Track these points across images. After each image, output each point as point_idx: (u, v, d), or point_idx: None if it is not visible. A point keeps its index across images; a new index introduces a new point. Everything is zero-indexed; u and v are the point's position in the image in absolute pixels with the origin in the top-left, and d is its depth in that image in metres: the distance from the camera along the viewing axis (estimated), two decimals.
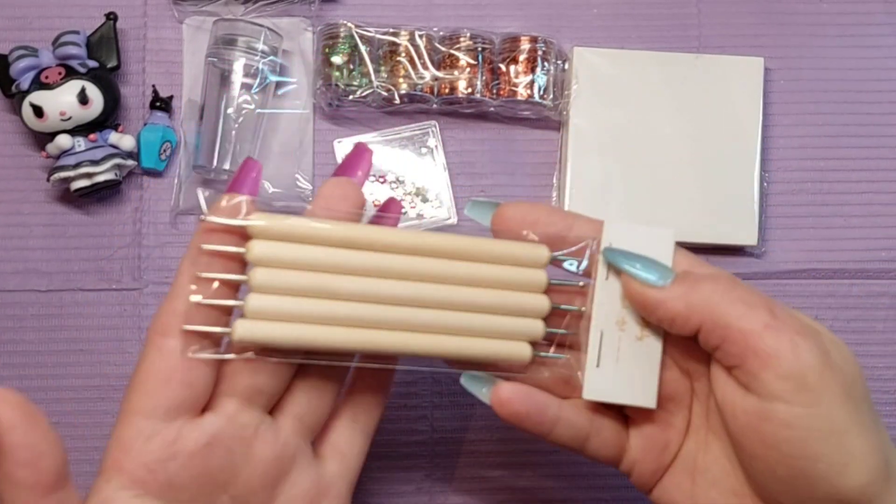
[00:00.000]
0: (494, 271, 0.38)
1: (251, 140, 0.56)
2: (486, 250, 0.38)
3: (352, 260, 0.36)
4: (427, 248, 0.37)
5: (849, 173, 0.58)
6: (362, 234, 0.36)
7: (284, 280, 0.35)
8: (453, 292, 0.38)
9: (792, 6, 0.59)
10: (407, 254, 0.37)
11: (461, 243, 0.38)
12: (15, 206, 0.56)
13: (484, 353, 0.38)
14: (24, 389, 0.54)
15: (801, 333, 0.33)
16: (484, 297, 0.38)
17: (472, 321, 0.38)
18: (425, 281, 0.37)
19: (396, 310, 0.37)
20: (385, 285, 0.37)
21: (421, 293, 0.37)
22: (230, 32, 0.55)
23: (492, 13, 0.58)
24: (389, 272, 0.37)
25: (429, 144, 0.57)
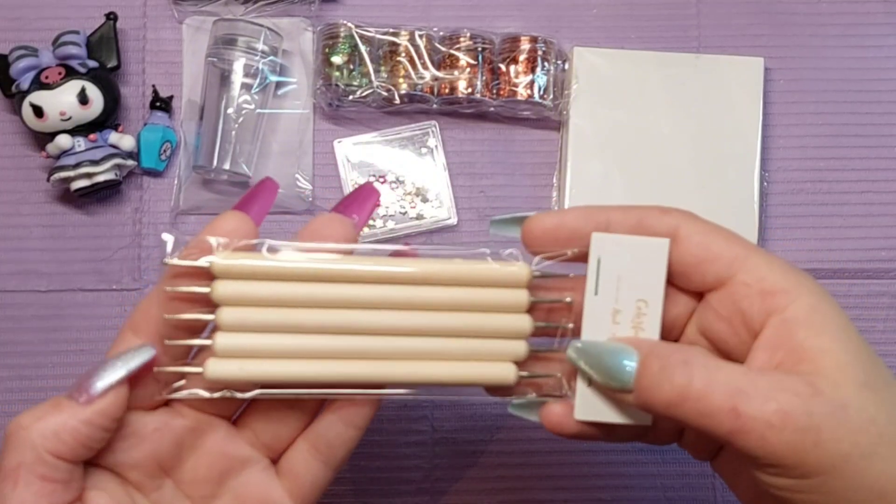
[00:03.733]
0: (471, 294, 0.37)
1: (251, 140, 0.56)
2: (462, 274, 0.37)
3: (320, 294, 0.35)
4: (400, 277, 0.36)
5: (849, 173, 0.58)
6: (329, 268, 0.35)
7: (252, 318, 0.35)
8: (428, 318, 0.36)
9: (792, 6, 0.59)
10: (379, 283, 0.36)
11: (435, 269, 0.36)
12: (15, 206, 0.56)
13: (465, 377, 0.37)
14: (24, 390, 0.55)
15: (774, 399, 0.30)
16: (461, 321, 0.37)
17: (451, 346, 0.37)
18: (400, 309, 0.36)
19: (370, 339, 0.36)
20: (356, 316, 0.36)
21: (396, 322, 0.36)
22: (230, 32, 0.55)
23: (492, 13, 0.58)
24: (360, 303, 0.36)
25: (429, 144, 0.57)
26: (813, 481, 0.30)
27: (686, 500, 0.55)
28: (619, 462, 0.55)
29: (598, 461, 0.55)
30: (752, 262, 0.33)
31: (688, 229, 0.34)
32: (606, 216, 0.35)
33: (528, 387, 0.38)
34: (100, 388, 0.31)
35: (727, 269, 0.33)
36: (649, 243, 0.35)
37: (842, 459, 0.29)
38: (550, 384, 0.38)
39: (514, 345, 0.37)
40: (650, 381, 0.32)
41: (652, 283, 0.36)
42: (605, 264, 0.36)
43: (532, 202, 0.57)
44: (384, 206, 0.57)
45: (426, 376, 0.37)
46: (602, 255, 0.36)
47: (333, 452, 0.38)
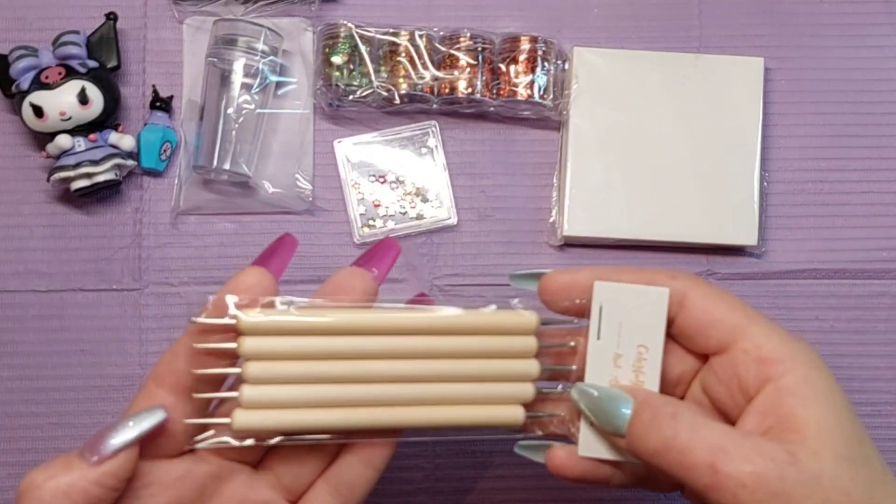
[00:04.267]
0: (483, 342, 0.39)
1: (251, 140, 0.56)
2: (475, 323, 0.39)
3: (340, 346, 0.38)
4: (417, 328, 0.39)
5: (849, 173, 0.58)
6: (350, 322, 0.38)
7: (276, 371, 0.37)
8: (442, 366, 0.39)
9: (792, 6, 0.59)
10: (396, 335, 0.38)
11: (449, 320, 0.39)
12: (15, 206, 0.56)
13: (477, 419, 0.40)
14: (24, 390, 0.55)
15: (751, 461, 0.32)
16: (473, 368, 0.39)
17: (463, 391, 0.39)
18: (416, 358, 0.39)
19: (388, 387, 0.38)
20: (374, 366, 0.38)
21: (412, 370, 0.39)
22: (230, 32, 0.55)
23: (492, 13, 0.58)
24: (378, 353, 0.38)
25: (429, 144, 0.57)
26: None
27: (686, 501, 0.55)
28: None
29: None
30: (753, 330, 0.35)
31: (694, 295, 0.36)
32: (618, 276, 0.38)
33: (536, 426, 0.41)
34: (110, 448, 0.33)
35: (729, 335, 0.35)
36: (649, 291, 0.38)
37: None
38: (556, 423, 0.41)
39: (523, 387, 0.40)
40: (640, 429, 0.35)
41: (652, 328, 0.38)
42: (607, 310, 0.39)
43: (532, 202, 0.57)
44: (384, 206, 0.57)
45: (441, 420, 0.39)
46: (604, 302, 0.39)
47: (352, 493, 0.39)
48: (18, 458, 0.54)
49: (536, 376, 0.40)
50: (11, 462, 0.54)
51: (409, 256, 0.56)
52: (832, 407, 0.33)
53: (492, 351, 0.40)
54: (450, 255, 0.57)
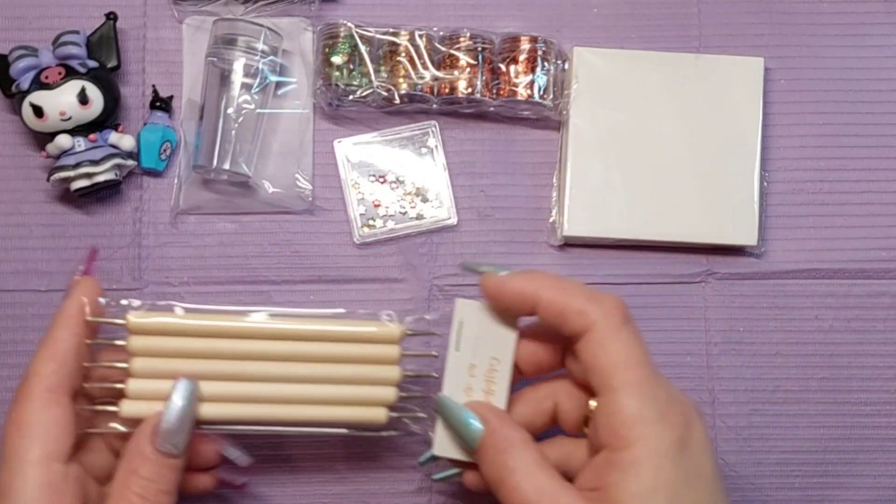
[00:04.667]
0: (352, 349, 0.46)
1: (251, 140, 0.56)
2: (344, 332, 0.45)
3: (218, 347, 0.45)
4: (291, 335, 0.45)
5: (849, 173, 0.58)
6: (228, 326, 0.45)
7: (160, 366, 0.44)
8: (313, 369, 0.45)
9: (792, 6, 0.59)
10: (271, 339, 0.45)
11: (319, 329, 0.45)
12: (15, 206, 0.56)
13: (343, 418, 0.46)
14: None
15: None
16: (342, 372, 0.46)
17: (332, 392, 0.45)
18: (288, 361, 0.45)
19: (262, 386, 0.45)
20: (249, 367, 0.45)
21: (283, 372, 0.45)
22: (230, 32, 0.55)
23: (492, 13, 0.58)
24: (253, 356, 0.45)
25: (429, 144, 0.57)
26: None
27: None
28: None
29: None
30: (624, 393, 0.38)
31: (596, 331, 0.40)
32: (538, 295, 0.41)
33: (398, 425, 0.47)
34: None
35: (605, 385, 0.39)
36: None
37: None
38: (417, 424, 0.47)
39: (386, 390, 0.46)
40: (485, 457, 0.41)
41: (504, 344, 0.45)
42: (466, 325, 0.45)
43: (532, 202, 0.57)
44: (384, 206, 0.57)
45: (310, 417, 0.45)
46: (464, 319, 0.45)
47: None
48: None
49: (398, 381, 0.46)
50: None
51: (409, 256, 0.56)
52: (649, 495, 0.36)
53: (360, 357, 0.46)
54: (450, 255, 0.57)
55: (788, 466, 0.56)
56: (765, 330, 0.56)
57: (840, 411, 0.56)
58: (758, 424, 0.56)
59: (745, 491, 0.55)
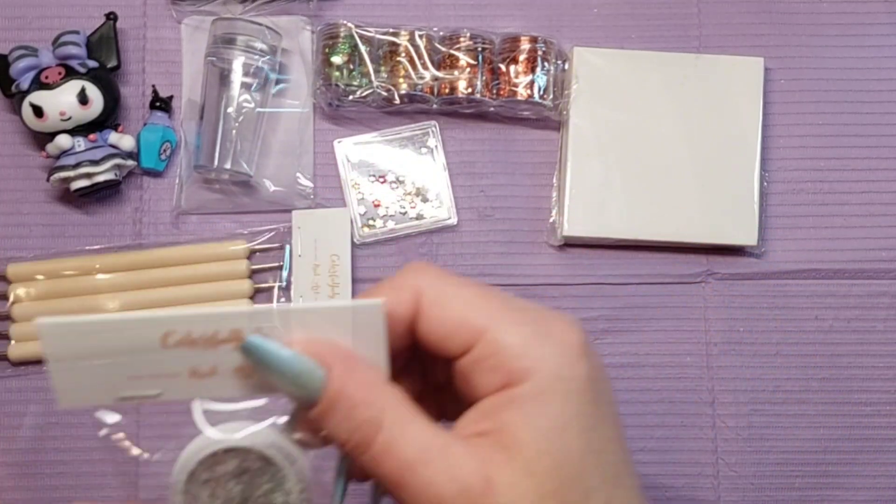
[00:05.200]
0: (207, 268, 0.55)
1: (252, 139, 0.56)
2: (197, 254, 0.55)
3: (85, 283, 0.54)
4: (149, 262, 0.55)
5: (849, 173, 0.58)
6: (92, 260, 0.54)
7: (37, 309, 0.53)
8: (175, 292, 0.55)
9: (792, 6, 0.59)
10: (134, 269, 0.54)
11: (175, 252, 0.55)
12: (15, 205, 0.56)
13: None
14: (24, 389, 0.55)
15: None
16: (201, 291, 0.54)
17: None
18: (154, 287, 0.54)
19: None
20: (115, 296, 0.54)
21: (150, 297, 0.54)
22: (229, 31, 0.55)
23: (492, 13, 0.58)
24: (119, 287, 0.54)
25: (429, 144, 0.57)
26: None
27: (686, 500, 0.55)
28: None
29: None
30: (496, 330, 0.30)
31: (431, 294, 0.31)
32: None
33: None
34: None
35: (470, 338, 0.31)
36: (335, 213, 0.54)
37: None
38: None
39: (242, 304, 0.55)
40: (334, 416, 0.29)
41: (340, 241, 0.52)
42: (304, 231, 0.52)
43: (532, 202, 0.57)
44: (384, 206, 0.57)
45: None
46: (301, 224, 0.54)
47: None
48: (18, 458, 0.54)
49: (251, 293, 0.55)
50: (11, 462, 0.54)
51: (409, 256, 0.56)
52: (559, 432, 0.29)
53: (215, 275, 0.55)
54: (450, 254, 0.57)
55: (788, 466, 0.56)
56: (765, 330, 0.56)
57: (840, 411, 0.56)
58: (758, 424, 0.56)
59: (745, 491, 0.55)
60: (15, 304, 0.54)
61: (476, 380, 0.30)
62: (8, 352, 0.54)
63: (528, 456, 0.28)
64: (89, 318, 0.29)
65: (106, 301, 0.54)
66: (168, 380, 0.30)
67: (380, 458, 0.29)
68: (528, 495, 0.28)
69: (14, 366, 0.54)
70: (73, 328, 0.29)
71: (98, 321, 0.30)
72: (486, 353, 0.30)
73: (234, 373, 0.30)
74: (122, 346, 0.30)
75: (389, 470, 0.29)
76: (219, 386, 0.30)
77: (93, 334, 0.30)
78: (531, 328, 0.30)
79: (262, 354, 0.29)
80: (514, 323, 0.30)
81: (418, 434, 0.29)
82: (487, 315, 0.30)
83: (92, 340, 0.30)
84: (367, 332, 0.30)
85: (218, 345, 0.30)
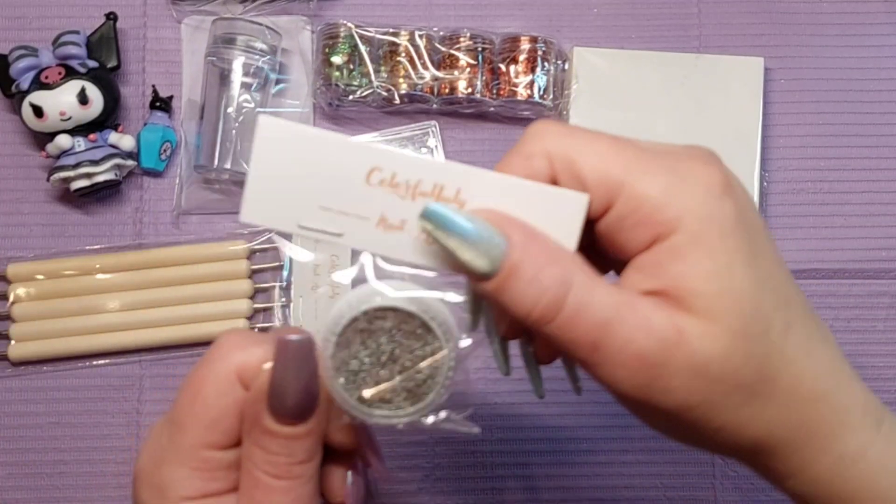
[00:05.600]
0: (208, 268, 0.54)
1: (252, 139, 0.55)
2: (197, 254, 0.55)
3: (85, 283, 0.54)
4: (147, 263, 0.55)
5: (849, 173, 0.58)
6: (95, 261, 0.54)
7: (36, 309, 0.54)
8: (174, 292, 0.54)
9: (792, 6, 0.59)
10: (135, 269, 0.54)
11: (176, 253, 0.54)
12: (15, 205, 0.56)
13: (209, 335, 0.53)
14: (24, 389, 0.55)
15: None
16: (201, 291, 0.54)
17: (195, 311, 0.54)
18: (154, 287, 0.54)
19: (131, 314, 0.54)
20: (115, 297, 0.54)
21: (152, 297, 0.54)
22: (229, 31, 0.55)
23: (492, 13, 0.58)
24: (120, 287, 0.54)
25: (429, 144, 0.57)
26: (656, 416, 0.30)
27: (686, 500, 0.55)
28: (619, 462, 0.55)
29: (597, 461, 0.55)
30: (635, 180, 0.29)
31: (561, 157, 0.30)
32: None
33: None
34: None
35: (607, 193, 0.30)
36: None
37: (687, 409, 0.29)
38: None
39: (242, 303, 0.54)
40: (516, 285, 0.29)
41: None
42: None
43: None
44: None
45: (178, 340, 0.54)
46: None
47: None
48: (19, 458, 0.54)
49: (251, 293, 0.55)
50: (11, 462, 0.54)
51: None
52: (727, 271, 0.28)
53: (215, 274, 0.54)
54: None
55: None
56: None
57: None
58: None
59: (745, 491, 0.55)
60: (15, 304, 0.54)
61: (623, 238, 0.30)
62: (8, 352, 0.54)
63: (706, 304, 0.28)
64: (309, 127, 0.29)
65: (106, 301, 0.54)
66: (356, 222, 0.30)
67: (572, 321, 0.28)
68: (720, 338, 0.28)
69: (14, 366, 0.54)
70: (291, 131, 0.29)
71: (316, 132, 0.29)
72: (629, 210, 0.29)
73: (419, 235, 0.30)
74: (329, 169, 0.29)
75: (584, 332, 0.28)
76: (400, 245, 0.30)
77: (307, 145, 0.29)
78: (669, 175, 0.29)
79: (444, 219, 0.29)
80: (651, 172, 0.29)
81: (607, 293, 0.29)
82: (623, 168, 0.29)
83: (303, 152, 0.29)
84: (563, 222, 0.30)
85: (417, 196, 0.29)
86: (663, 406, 0.29)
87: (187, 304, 0.55)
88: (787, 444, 0.30)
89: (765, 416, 0.29)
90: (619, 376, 0.28)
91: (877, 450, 0.30)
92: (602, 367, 0.29)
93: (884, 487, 0.30)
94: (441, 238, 0.29)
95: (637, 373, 0.28)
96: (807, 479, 0.31)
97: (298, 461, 0.31)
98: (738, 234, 0.29)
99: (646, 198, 0.29)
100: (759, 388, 0.29)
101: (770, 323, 0.29)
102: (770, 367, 0.29)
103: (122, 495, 0.54)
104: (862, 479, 0.30)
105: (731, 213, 0.29)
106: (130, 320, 0.54)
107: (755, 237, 0.30)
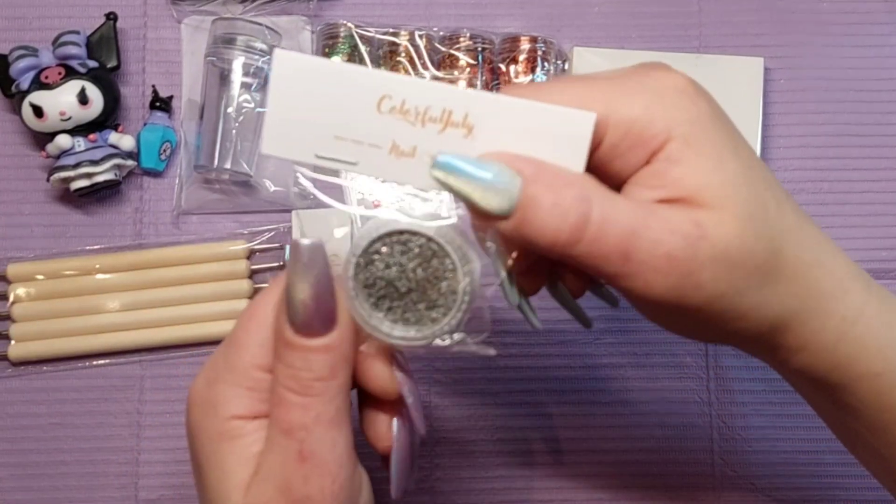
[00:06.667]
0: (208, 268, 0.54)
1: (251, 139, 0.56)
2: (196, 254, 0.54)
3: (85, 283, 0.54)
4: (145, 263, 0.54)
5: (850, 173, 0.58)
6: (95, 261, 0.54)
7: (37, 309, 0.54)
8: (174, 292, 0.54)
9: (793, 5, 0.59)
10: (135, 269, 0.54)
11: (176, 253, 0.54)
12: (15, 206, 0.56)
13: (209, 335, 0.54)
14: (25, 389, 0.55)
15: None
16: (200, 291, 0.54)
17: (195, 311, 0.54)
18: (154, 287, 0.54)
19: (131, 314, 0.54)
20: (116, 297, 0.54)
21: (147, 298, 0.54)
22: (229, 31, 0.55)
23: (492, 13, 0.58)
24: (121, 287, 0.54)
25: None
26: (686, 316, 0.31)
27: (686, 500, 0.55)
28: (619, 462, 0.55)
29: (597, 461, 0.55)
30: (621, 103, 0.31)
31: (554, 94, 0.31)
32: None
33: None
34: None
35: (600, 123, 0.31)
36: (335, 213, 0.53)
37: (718, 297, 0.30)
38: None
39: (242, 303, 0.54)
40: (538, 215, 0.29)
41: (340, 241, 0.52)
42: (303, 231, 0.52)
43: None
44: (384, 205, 0.57)
45: (177, 340, 0.54)
46: (301, 224, 0.54)
47: None
48: (19, 459, 0.54)
49: (251, 293, 0.55)
50: (12, 463, 0.54)
51: None
52: (720, 163, 0.30)
53: (213, 274, 0.54)
54: None
55: (788, 466, 0.56)
56: None
57: None
58: (758, 424, 0.56)
59: (744, 491, 0.55)
60: (15, 304, 0.54)
61: (619, 164, 0.31)
62: (8, 352, 0.54)
63: (712, 195, 0.30)
64: (320, 59, 0.31)
65: (106, 301, 0.54)
66: (369, 150, 0.31)
67: (599, 236, 0.29)
68: (733, 224, 0.30)
69: (14, 366, 0.54)
70: (305, 63, 0.30)
71: (327, 63, 0.30)
72: (619, 136, 0.30)
73: (432, 160, 0.31)
74: (341, 99, 0.30)
75: (614, 244, 0.29)
76: (413, 171, 0.31)
77: (320, 76, 0.30)
78: (644, 94, 0.31)
79: (455, 168, 0.30)
80: (628, 95, 0.31)
81: (626, 203, 0.30)
82: (602, 102, 0.30)
83: (317, 83, 0.30)
84: (571, 142, 0.30)
85: (426, 122, 0.30)
86: (695, 302, 0.30)
87: (187, 304, 0.54)
88: (800, 314, 0.32)
89: (779, 291, 0.31)
90: (653, 281, 0.30)
91: (871, 308, 0.33)
92: (635, 277, 0.30)
93: (881, 344, 0.33)
94: (455, 186, 0.30)
95: (669, 273, 0.29)
96: (814, 350, 0.33)
97: (318, 377, 0.31)
98: (718, 129, 0.31)
99: (632, 120, 0.30)
100: (772, 263, 0.31)
101: (766, 203, 0.31)
102: (776, 242, 0.31)
103: (123, 496, 0.54)
104: (862, 338, 0.33)
105: (706, 110, 0.31)
106: (130, 320, 0.54)
107: (731, 129, 0.32)
